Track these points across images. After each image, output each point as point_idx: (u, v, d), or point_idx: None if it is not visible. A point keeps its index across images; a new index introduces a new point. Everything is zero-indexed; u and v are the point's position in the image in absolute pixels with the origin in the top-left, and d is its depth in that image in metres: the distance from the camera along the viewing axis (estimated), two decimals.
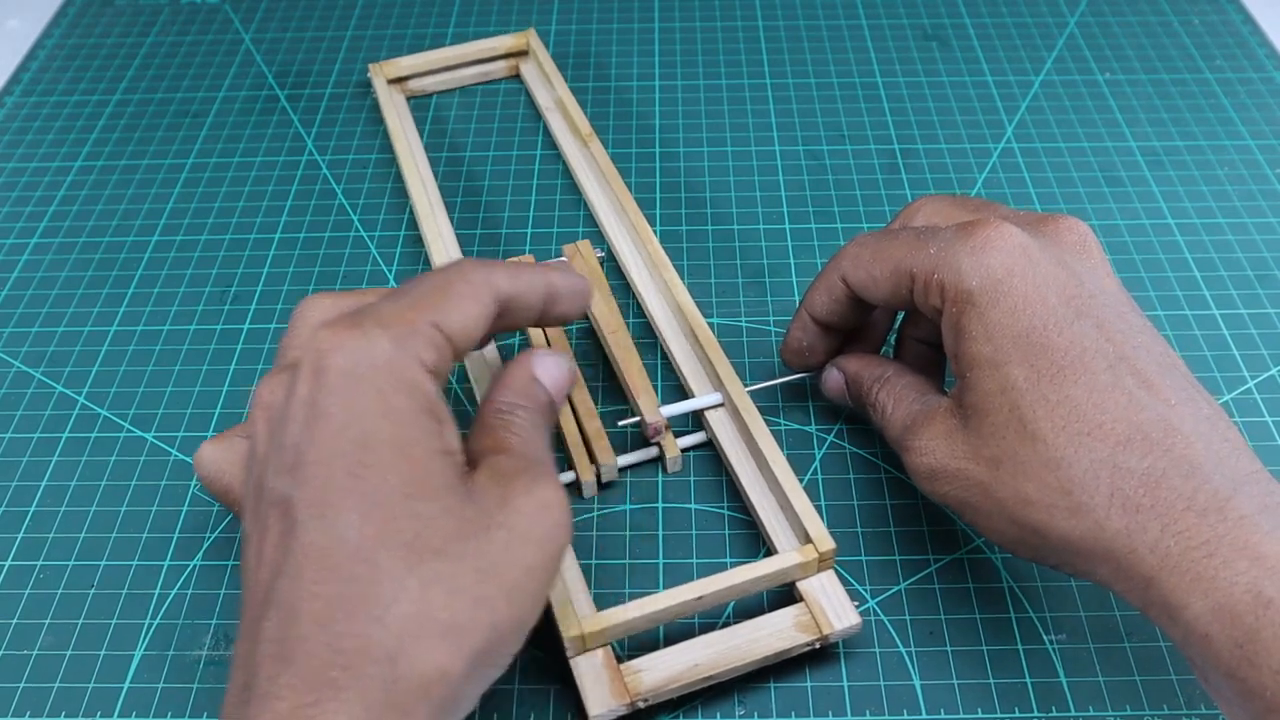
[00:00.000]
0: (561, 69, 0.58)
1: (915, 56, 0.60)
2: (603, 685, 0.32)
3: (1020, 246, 0.32)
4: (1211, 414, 0.30)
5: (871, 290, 0.35)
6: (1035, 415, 0.30)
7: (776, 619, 0.34)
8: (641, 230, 0.46)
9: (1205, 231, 0.50)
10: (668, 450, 0.40)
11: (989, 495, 0.31)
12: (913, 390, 0.36)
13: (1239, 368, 0.44)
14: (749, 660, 0.33)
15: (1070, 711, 0.34)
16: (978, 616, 0.37)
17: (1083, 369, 0.30)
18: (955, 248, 0.32)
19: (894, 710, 0.34)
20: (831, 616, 0.34)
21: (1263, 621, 0.26)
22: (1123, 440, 0.29)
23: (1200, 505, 0.28)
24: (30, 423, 0.43)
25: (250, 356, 0.45)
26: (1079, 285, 0.31)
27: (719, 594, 0.34)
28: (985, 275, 0.31)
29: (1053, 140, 0.55)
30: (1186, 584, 0.27)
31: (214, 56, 0.61)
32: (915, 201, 0.37)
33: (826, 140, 0.55)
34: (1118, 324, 0.31)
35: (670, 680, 0.33)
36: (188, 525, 0.40)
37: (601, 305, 0.44)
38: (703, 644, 0.34)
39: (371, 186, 0.53)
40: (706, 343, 0.41)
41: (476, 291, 0.30)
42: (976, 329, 0.31)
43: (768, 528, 0.37)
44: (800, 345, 0.39)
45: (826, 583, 0.35)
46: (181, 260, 0.49)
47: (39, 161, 0.55)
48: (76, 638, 0.37)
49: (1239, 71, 0.59)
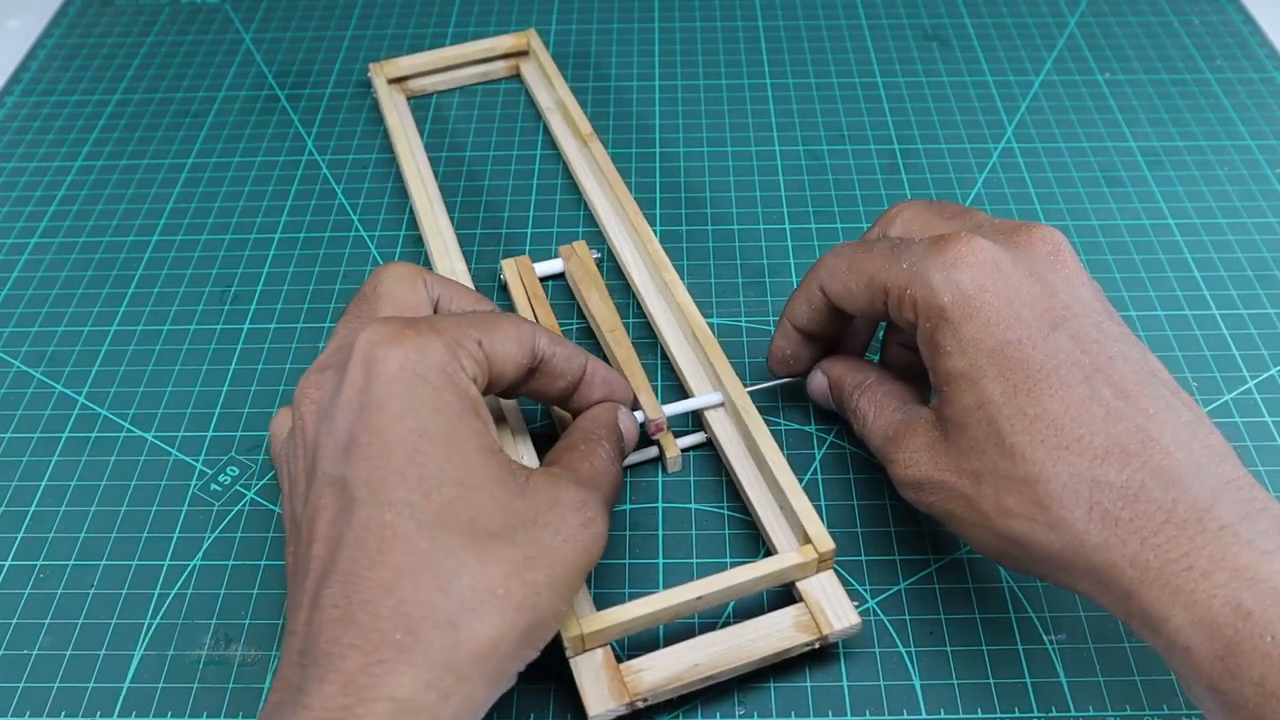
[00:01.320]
0: (561, 69, 0.58)
1: (915, 56, 0.60)
2: (602, 685, 0.32)
3: (992, 261, 0.31)
4: (1192, 420, 0.30)
5: (848, 302, 0.35)
6: (1013, 430, 0.30)
7: (776, 619, 0.34)
8: (641, 230, 0.46)
9: (1205, 231, 0.50)
10: (668, 450, 0.40)
11: (972, 507, 0.31)
12: (894, 399, 0.36)
13: (1239, 368, 0.44)
14: (749, 660, 0.33)
15: (1070, 711, 0.34)
16: (978, 616, 0.37)
17: (1059, 382, 0.30)
18: (927, 263, 0.32)
19: (894, 710, 0.34)
20: (831, 617, 0.34)
21: (1242, 634, 0.26)
22: (1101, 453, 0.29)
23: (1179, 517, 0.28)
24: (30, 423, 0.43)
25: (250, 356, 0.45)
26: (1052, 297, 0.31)
27: (719, 594, 0.34)
28: (957, 291, 0.31)
29: (1053, 140, 0.55)
30: (1166, 597, 0.27)
31: (214, 56, 0.61)
32: (894, 207, 0.37)
33: (826, 140, 0.55)
34: (1093, 334, 0.31)
35: (670, 680, 0.33)
36: (188, 525, 0.40)
37: (600, 304, 0.44)
38: (703, 644, 0.34)
39: (371, 186, 0.53)
40: (706, 342, 0.41)
41: (520, 335, 0.33)
42: (951, 345, 0.31)
43: (767, 528, 0.37)
44: (784, 353, 0.40)
45: (826, 583, 0.35)
46: (181, 260, 0.49)
47: (39, 161, 0.55)
48: (76, 638, 0.37)
49: (1239, 71, 0.59)
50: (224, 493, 0.40)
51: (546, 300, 0.45)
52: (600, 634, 0.33)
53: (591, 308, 0.44)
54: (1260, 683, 0.25)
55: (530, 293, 0.45)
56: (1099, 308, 0.32)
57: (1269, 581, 0.26)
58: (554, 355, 0.34)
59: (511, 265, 0.46)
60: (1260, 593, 0.26)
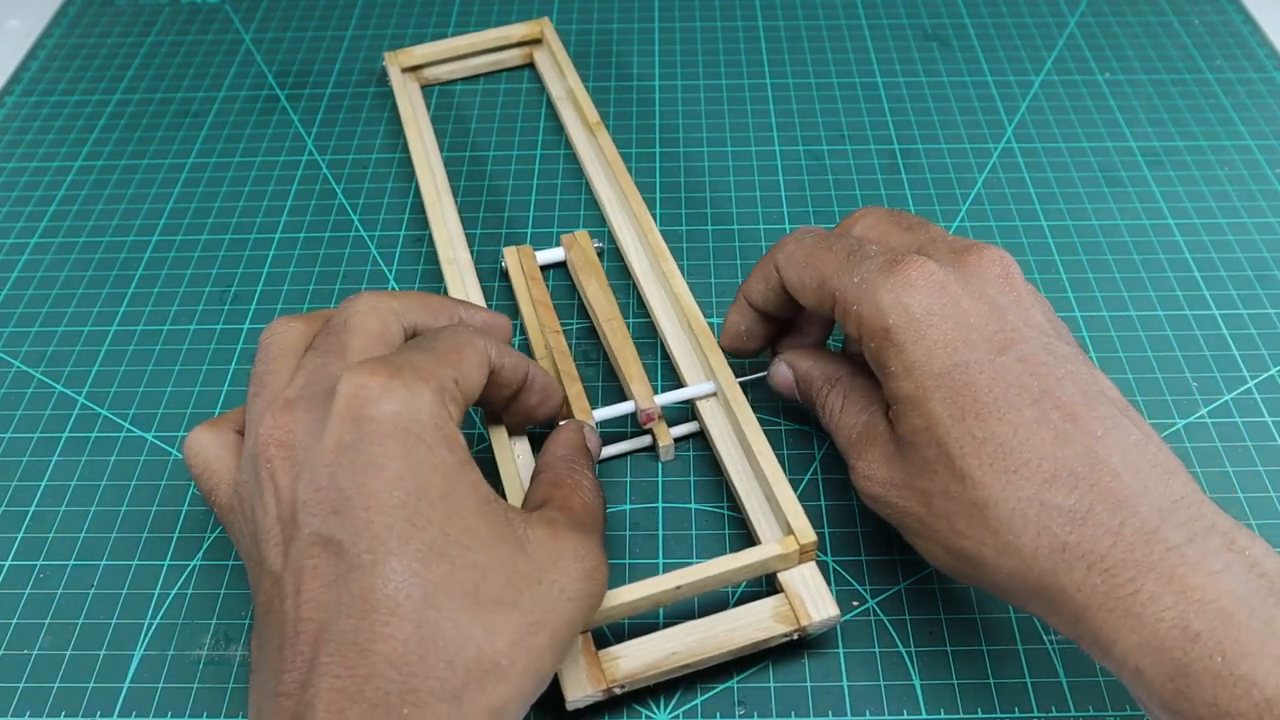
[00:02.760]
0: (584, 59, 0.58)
1: (915, 56, 0.60)
2: (580, 671, 0.33)
3: (940, 285, 0.31)
4: (1140, 439, 0.29)
5: (800, 294, 0.35)
6: (962, 453, 0.30)
7: (756, 609, 0.34)
8: (643, 220, 0.46)
9: (1205, 231, 0.50)
10: (660, 438, 0.40)
11: (924, 524, 0.31)
12: (863, 397, 0.35)
13: (1239, 368, 0.44)
14: (726, 649, 0.33)
15: (1070, 711, 0.34)
16: (978, 616, 0.37)
17: (1006, 406, 0.30)
18: (877, 283, 0.32)
19: (894, 710, 0.34)
20: (810, 608, 0.34)
21: (1191, 656, 0.26)
22: (1049, 477, 0.29)
23: (1127, 540, 0.28)
24: (30, 423, 0.43)
25: (250, 356, 0.45)
26: (1001, 319, 0.31)
27: (698, 584, 0.34)
28: (903, 314, 0.31)
29: (1053, 140, 0.55)
30: (1115, 620, 0.27)
31: (214, 56, 0.61)
32: (855, 213, 0.37)
33: (826, 140, 0.55)
34: (1042, 356, 0.31)
35: (647, 667, 0.33)
36: (188, 525, 0.40)
37: (599, 293, 0.44)
38: (682, 632, 0.34)
39: (371, 186, 0.53)
40: (700, 332, 0.41)
41: (479, 358, 0.32)
42: (897, 366, 0.31)
43: (752, 519, 0.37)
44: (738, 330, 0.39)
45: (808, 574, 0.35)
46: (181, 260, 0.49)
47: (39, 161, 0.55)
48: (76, 638, 0.37)
49: (1239, 71, 0.59)
50: None
51: (546, 288, 0.45)
52: None
53: (590, 296, 0.44)
54: (1214, 703, 0.25)
55: (530, 280, 0.45)
56: (1048, 329, 0.32)
57: (1216, 602, 0.26)
58: (503, 366, 0.34)
59: (513, 253, 0.46)
60: (1208, 614, 0.26)
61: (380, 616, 0.26)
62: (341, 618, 0.26)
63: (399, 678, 0.26)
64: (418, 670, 0.26)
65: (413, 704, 0.26)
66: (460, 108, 0.57)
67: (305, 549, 0.27)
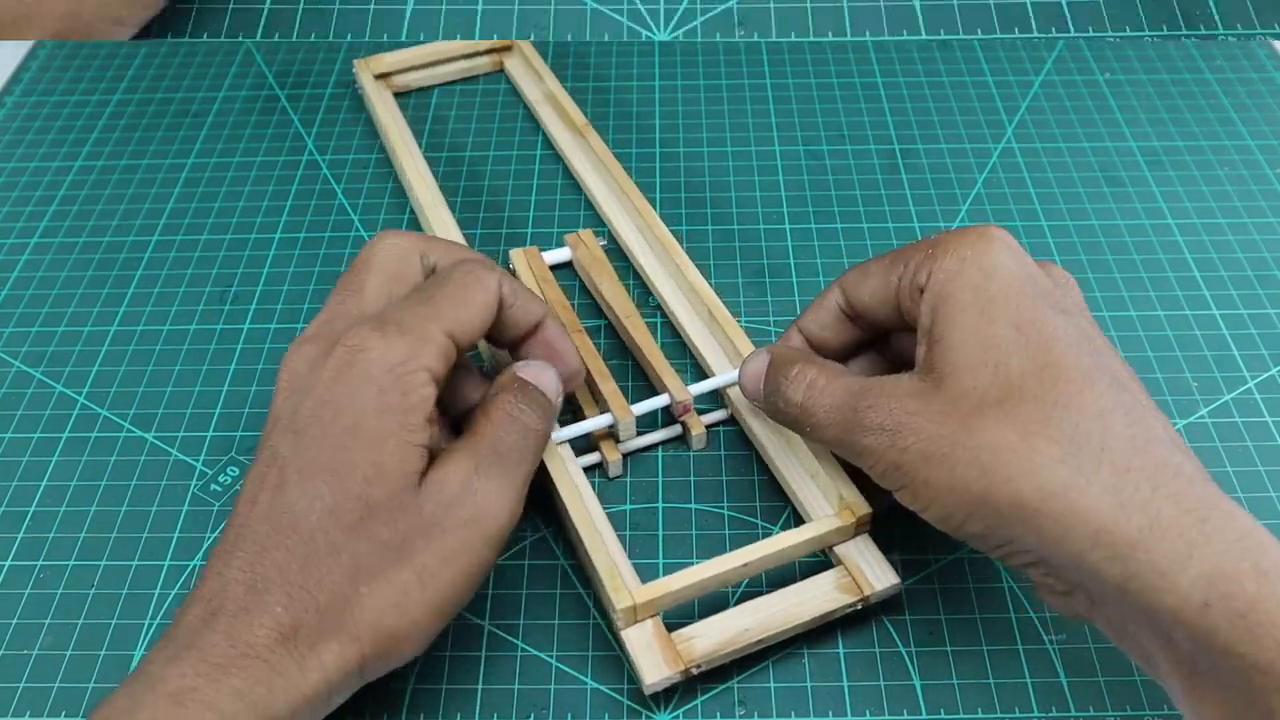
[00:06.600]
0: (561, 67, 0.58)
1: (915, 56, 0.60)
2: (655, 654, 0.33)
3: (1013, 248, 0.33)
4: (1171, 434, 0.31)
5: (862, 285, 0.35)
6: (1022, 373, 0.30)
7: (818, 583, 0.35)
8: (646, 215, 0.46)
9: (1205, 231, 0.50)
10: (693, 428, 0.41)
11: (958, 445, 0.30)
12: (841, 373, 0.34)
13: (1239, 368, 0.44)
14: (797, 623, 0.34)
15: (1070, 711, 0.34)
16: (978, 616, 0.37)
17: (1066, 347, 0.30)
18: (952, 236, 0.33)
19: (894, 710, 0.34)
20: (871, 577, 0.35)
21: (1265, 590, 0.25)
22: (1107, 409, 0.29)
23: (1188, 474, 0.28)
24: (30, 423, 0.43)
25: (250, 356, 0.45)
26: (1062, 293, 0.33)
27: (763, 560, 0.35)
28: (980, 254, 0.32)
29: (1053, 140, 0.55)
30: (1181, 548, 0.26)
31: (214, 56, 0.61)
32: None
33: (826, 140, 0.55)
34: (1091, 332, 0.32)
35: (723, 645, 0.33)
36: (188, 525, 0.40)
37: (614, 291, 0.44)
38: (750, 610, 0.34)
39: (371, 186, 0.53)
40: (724, 321, 0.42)
41: (487, 296, 0.34)
42: (965, 295, 0.32)
43: (799, 495, 0.38)
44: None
45: (864, 546, 0.36)
46: (181, 260, 0.49)
47: (39, 161, 0.55)
48: (76, 638, 0.37)
49: (1239, 71, 0.59)
50: (224, 493, 0.40)
51: (559, 289, 0.45)
52: (651, 604, 0.34)
53: (606, 294, 0.44)
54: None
55: (542, 282, 0.45)
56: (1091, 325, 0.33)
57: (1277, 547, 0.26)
58: (514, 305, 0.35)
59: (521, 255, 0.46)
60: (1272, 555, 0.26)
61: (285, 529, 0.30)
62: (262, 521, 0.30)
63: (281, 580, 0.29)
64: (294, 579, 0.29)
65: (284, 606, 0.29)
66: (443, 115, 0.56)
67: (268, 458, 0.31)
